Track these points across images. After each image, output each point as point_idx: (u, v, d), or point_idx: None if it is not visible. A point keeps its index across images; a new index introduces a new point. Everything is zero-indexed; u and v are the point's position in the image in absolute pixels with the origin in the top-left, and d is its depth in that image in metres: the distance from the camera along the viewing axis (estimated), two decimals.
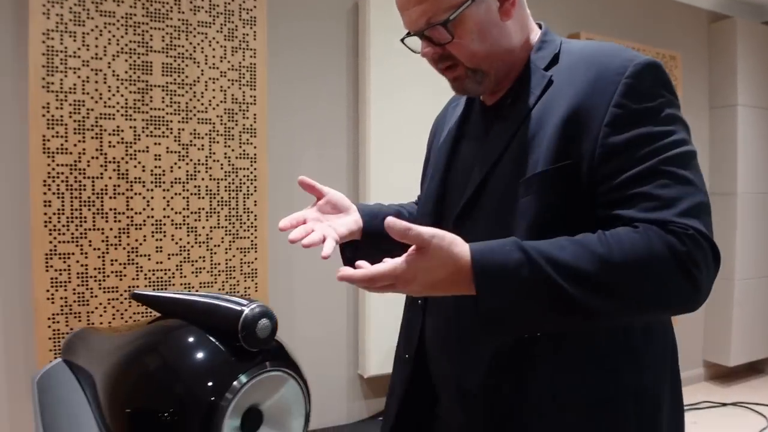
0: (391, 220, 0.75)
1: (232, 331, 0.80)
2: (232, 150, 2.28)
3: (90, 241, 2.11)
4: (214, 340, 0.82)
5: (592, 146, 0.84)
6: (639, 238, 0.78)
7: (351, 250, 1.11)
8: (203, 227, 2.27)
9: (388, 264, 0.78)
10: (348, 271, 0.77)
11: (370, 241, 1.10)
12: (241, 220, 2.33)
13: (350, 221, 1.07)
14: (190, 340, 0.82)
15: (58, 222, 2.07)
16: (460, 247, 0.79)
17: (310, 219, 1.02)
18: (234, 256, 2.33)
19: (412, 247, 0.78)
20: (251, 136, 2.31)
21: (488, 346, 0.92)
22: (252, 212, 2.34)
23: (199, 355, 0.81)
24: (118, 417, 0.85)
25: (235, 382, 0.78)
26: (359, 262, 0.80)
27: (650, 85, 0.85)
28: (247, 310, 0.79)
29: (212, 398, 0.77)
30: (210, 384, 0.78)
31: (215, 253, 2.29)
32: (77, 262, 2.10)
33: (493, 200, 0.92)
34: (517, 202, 0.88)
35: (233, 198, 2.30)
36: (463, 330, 0.97)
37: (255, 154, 2.32)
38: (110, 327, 1.05)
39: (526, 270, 0.76)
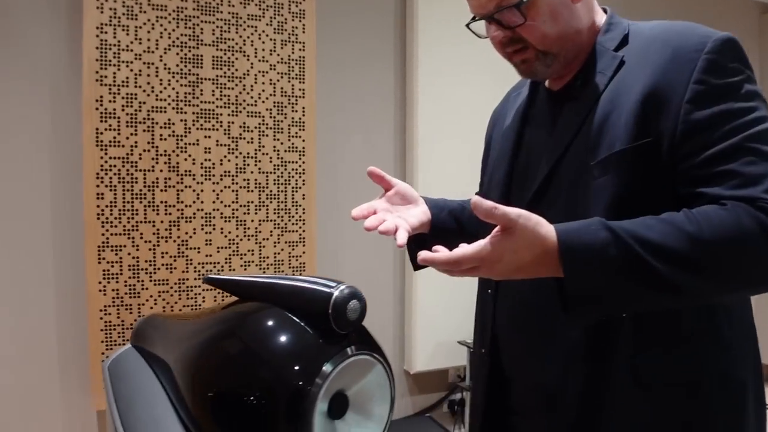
0: (477, 199, 0.72)
1: (318, 313, 0.78)
2: (281, 143, 2.27)
3: (141, 234, 2.12)
4: (300, 322, 0.79)
5: (673, 124, 0.82)
6: (727, 215, 0.76)
7: (418, 242, 1.09)
8: (252, 220, 2.26)
9: (473, 246, 0.75)
10: (430, 254, 0.75)
11: (437, 233, 1.09)
12: (289, 213, 2.32)
13: (420, 213, 1.05)
14: (277, 322, 0.80)
15: (111, 214, 2.08)
16: (546, 228, 0.77)
17: (380, 209, 1.00)
18: (282, 249, 2.31)
19: (497, 228, 0.75)
20: (300, 130, 2.29)
21: (568, 331, 0.89)
22: (300, 206, 2.33)
23: (288, 338, 0.78)
24: (201, 403, 0.83)
25: (324, 367, 0.76)
26: (436, 247, 0.77)
27: (730, 61, 0.84)
28: (336, 292, 0.77)
29: (302, 383, 0.75)
30: (300, 368, 0.75)
31: (264, 246, 2.28)
32: (129, 254, 2.11)
33: (565, 184, 0.91)
34: (591, 185, 0.86)
35: (282, 191, 2.29)
36: (538, 317, 0.94)
37: (304, 148, 2.30)
38: (183, 313, 1.03)
39: (613, 249, 0.74)
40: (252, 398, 0.76)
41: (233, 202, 2.22)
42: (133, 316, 2.14)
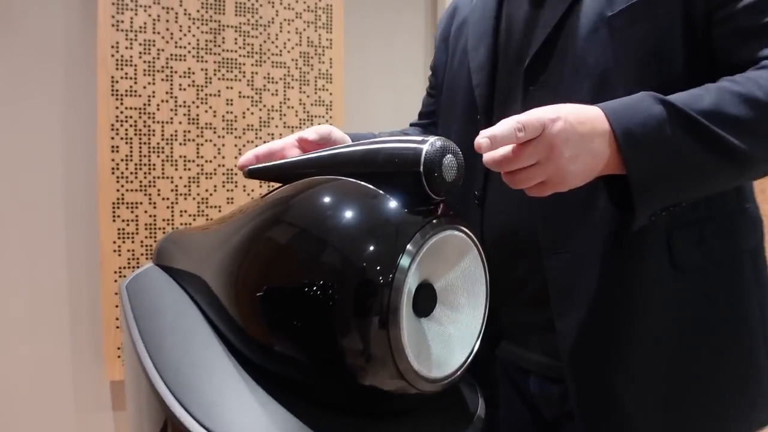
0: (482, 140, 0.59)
1: (404, 176, 0.58)
2: (308, 96, 2.08)
3: (159, 190, 1.92)
4: (379, 190, 0.59)
5: None
6: None
7: None
8: None
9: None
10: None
11: None
12: None
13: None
14: (352, 194, 0.60)
15: (126, 169, 1.88)
16: (587, 107, 0.65)
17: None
18: None
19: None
20: (327, 82, 2.10)
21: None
22: None
23: (365, 209, 0.58)
24: (246, 306, 0.63)
25: (409, 246, 0.56)
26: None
27: None
28: (426, 147, 0.57)
29: (386, 264, 0.55)
30: (385, 245, 0.55)
31: None
32: (145, 212, 1.91)
33: (574, 45, 0.74)
34: (609, 40, 0.72)
35: None
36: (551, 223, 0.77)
37: (331, 101, 2.11)
38: (215, 219, 0.83)
39: (674, 123, 0.63)
40: (321, 291, 0.56)
41: None
42: None
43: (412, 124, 1.14)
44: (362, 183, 0.60)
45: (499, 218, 0.84)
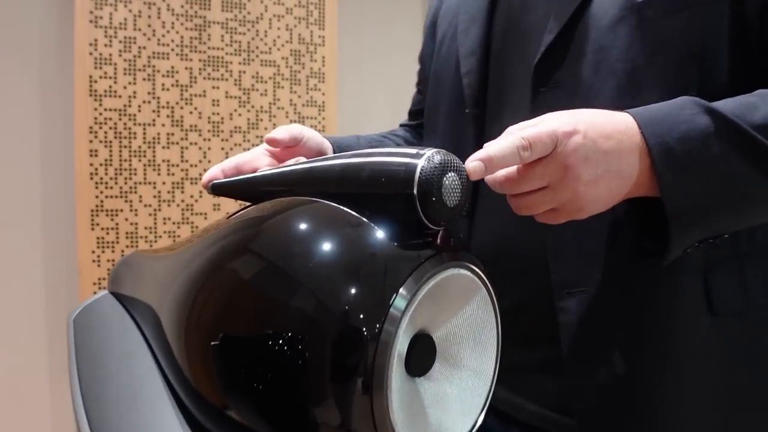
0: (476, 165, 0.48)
1: (394, 201, 0.46)
2: (299, 96, 1.95)
3: (140, 197, 1.80)
4: (362, 217, 0.47)
5: None
6: None
7: None
8: None
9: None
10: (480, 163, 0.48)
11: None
12: None
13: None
14: (328, 222, 0.47)
15: (106, 174, 1.76)
16: (612, 113, 0.53)
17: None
18: None
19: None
20: (319, 82, 1.98)
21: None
22: None
23: (345, 243, 0.45)
24: (196, 355, 0.51)
25: (402, 289, 0.43)
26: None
27: None
28: (421, 162, 0.44)
29: (368, 315, 0.42)
30: (370, 288, 0.43)
31: None
32: (126, 219, 1.79)
33: (594, 39, 0.61)
34: (640, 33, 0.60)
35: None
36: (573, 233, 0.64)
37: (323, 102, 1.99)
38: (178, 241, 0.70)
39: (722, 138, 0.51)
40: (288, 345, 0.43)
41: None
42: None
43: (402, 125, 1.01)
44: (342, 207, 0.47)
45: (490, 234, 0.71)
